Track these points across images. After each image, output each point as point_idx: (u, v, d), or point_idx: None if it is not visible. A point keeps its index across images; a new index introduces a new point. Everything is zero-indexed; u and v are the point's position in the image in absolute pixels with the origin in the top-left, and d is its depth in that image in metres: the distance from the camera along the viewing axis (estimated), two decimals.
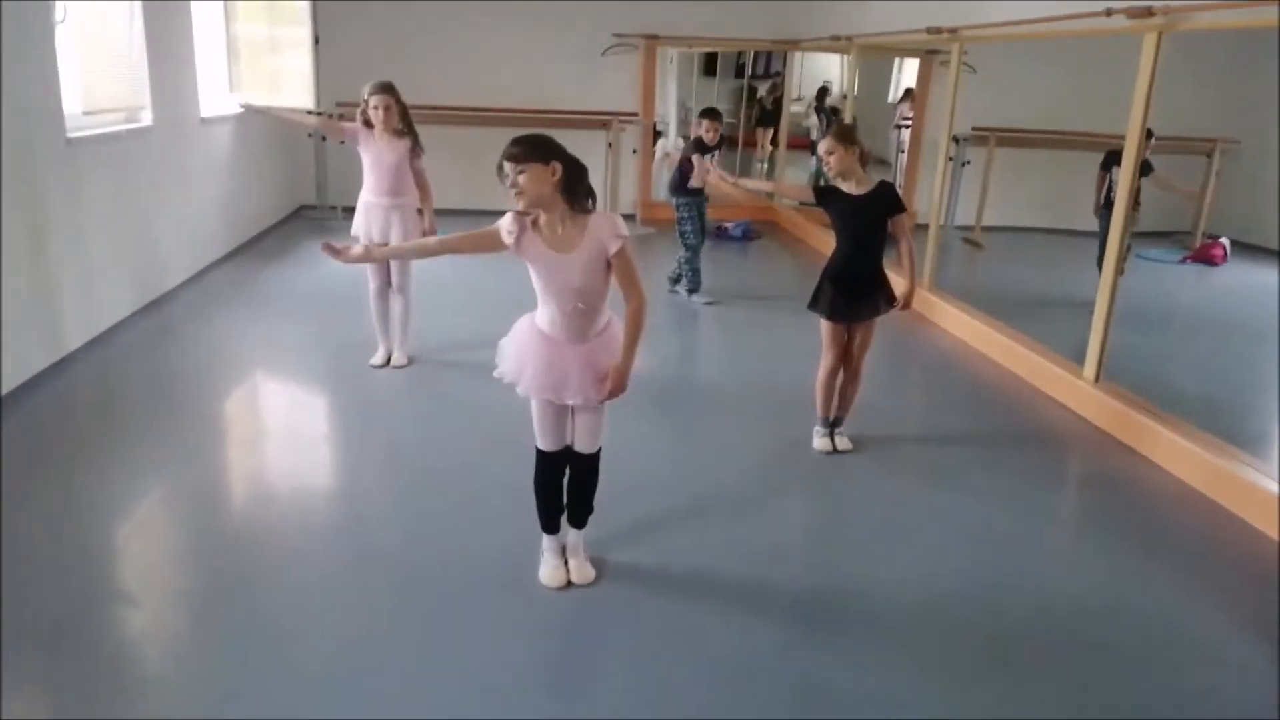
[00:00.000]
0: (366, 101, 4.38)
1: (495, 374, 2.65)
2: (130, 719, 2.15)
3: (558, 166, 2.45)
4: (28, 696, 2.22)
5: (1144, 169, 5.99)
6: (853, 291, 3.70)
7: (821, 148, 3.71)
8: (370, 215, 4.41)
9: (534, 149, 2.46)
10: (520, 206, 2.49)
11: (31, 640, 2.39)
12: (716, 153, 6.05)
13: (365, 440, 3.89)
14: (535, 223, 2.51)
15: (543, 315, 2.62)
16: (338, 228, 7.94)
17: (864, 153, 3.67)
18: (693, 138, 6.09)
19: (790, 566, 2.98)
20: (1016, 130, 8.52)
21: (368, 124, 4.40)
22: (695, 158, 5.80)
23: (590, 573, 2.77)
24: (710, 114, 6.02)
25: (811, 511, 3.50)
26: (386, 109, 4.34)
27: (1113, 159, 4.90)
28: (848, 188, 3.65)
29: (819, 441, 3.84)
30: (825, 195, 3.71)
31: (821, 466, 3.74)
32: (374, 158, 4.40)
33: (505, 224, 2.51)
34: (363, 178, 4.48)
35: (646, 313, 2.62)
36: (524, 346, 2.61)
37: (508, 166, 2.46)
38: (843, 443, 3.86)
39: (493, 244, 2.53)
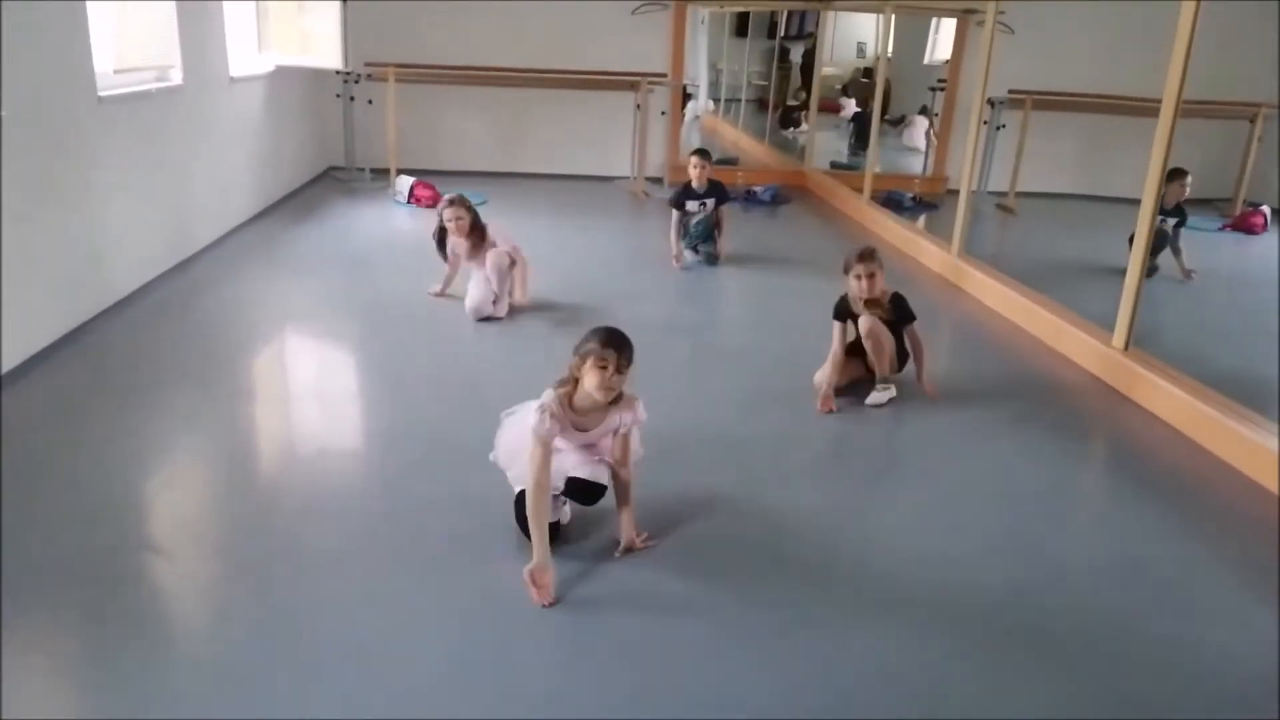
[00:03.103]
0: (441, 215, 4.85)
1: (490, 457, 2.78)
2: (155, 664, 2.20)
3: (628, 375, 2.58)
4: (57, 639, 2.28)
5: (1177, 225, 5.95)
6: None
7: (860, 269, 3.83)
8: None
9: (632, 362, 2.57)
10: (596, 397, 2.55)
11: (64, 584, 2.45)
12: (707, 204, 6.02)
13: (393, 399, 3.92)
14: (569, 400, 2.58)
15: None
16: (366, 189, 7.99)
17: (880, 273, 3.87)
18: (681, 184, 6.09)
19: (802, 522, 2.98)
20: (1053, 94, 8.35)
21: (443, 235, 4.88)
22: (676, 220, 5.97)
23: (565, 515, 2.80)
24: (698, 153, 6.07)
25: (826, 471, 3.51)
26: (459, 220, 4.77)
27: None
28: (868, 307, 3.86)
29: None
30: (845, 315, 3.92)
31: (839, 419, 3.74)
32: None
33: (541, 420, 2.52)
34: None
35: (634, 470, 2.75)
36: (522, 449, 2.62)
37: (613, 363, 2.52)
38: (875, 396, 3.89)
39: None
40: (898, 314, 3.91)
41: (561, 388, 2.61)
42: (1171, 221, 6.00)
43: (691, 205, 6.03)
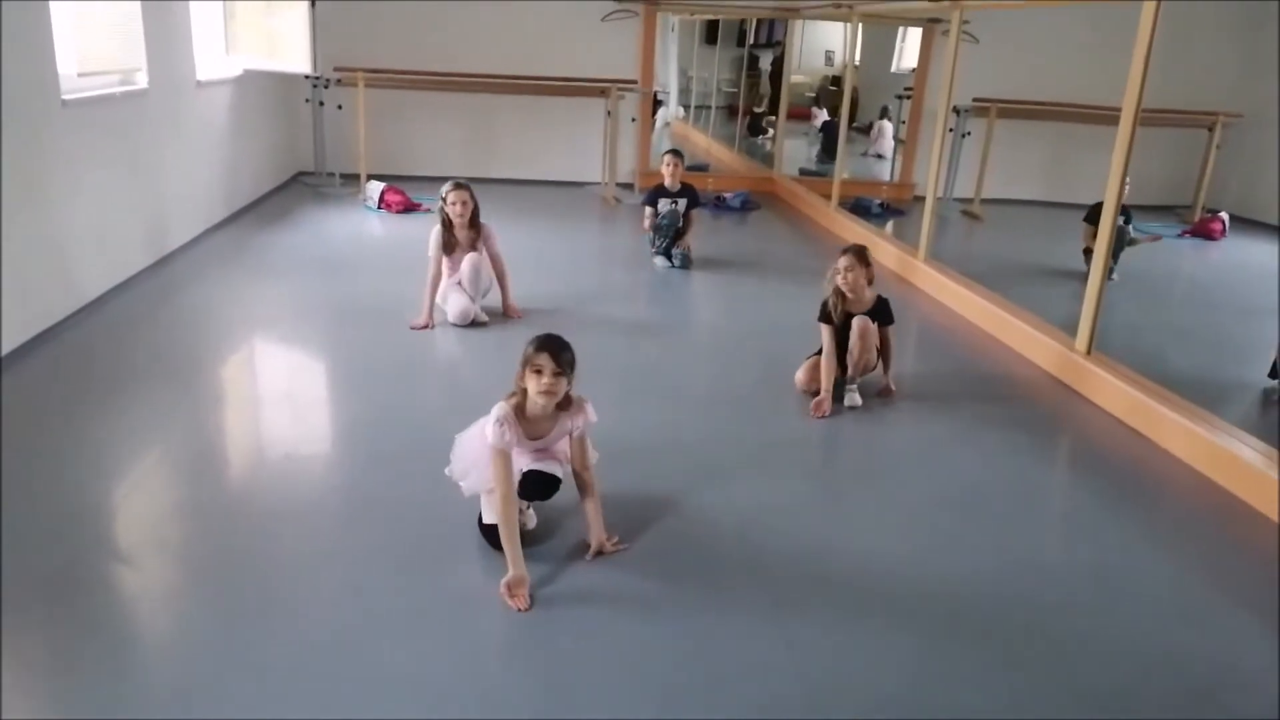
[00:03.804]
0: (444, 199, 4.75)
1: (446, 470, 2.79)
2: (121, 674, 2.19)
3: (573, 379, 2.62)
4: (23, 649, 2.26)
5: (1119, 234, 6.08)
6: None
7: (841, 263, 3.93)
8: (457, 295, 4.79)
9: (574, 362, 2.61)
10: (540, 403, 2.59)
11: (29, 593, 2.42)
12: (680, 204, 6.11)
13: (363, 400, 3.91)
14: (521, 410, 2.63)
15: None
16: (336, 195, 7.95)
17: (872, 276, 3.97)
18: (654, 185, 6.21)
19: (773, 524, 3.01)
20: (1017, 102, 8.48)
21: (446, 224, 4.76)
22: (649, 214, 6.06)
23: (531, 520, 2.81)
24: (672, 152, 6.21)
25: (797, 472, 3.54)
26: (464, 204, 4.71)
27: (1096, 214, 4.94)
28: (849, 308, 3.93)
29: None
30: (828, 318, 3.96)
31: (810, 421, 3.78)
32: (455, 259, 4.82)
33: (498, 432, 2.57)
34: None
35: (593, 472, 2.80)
36: (478, 461, 2.69)
37: (550, 368, 2.56)
38: (852, 398, 3.95)
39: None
40: (879, 316, 3.99)
41: (512, 399, 2.64)
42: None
43: (664, 204, 6.09)
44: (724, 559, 2.79)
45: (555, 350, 2.57)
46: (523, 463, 2.70)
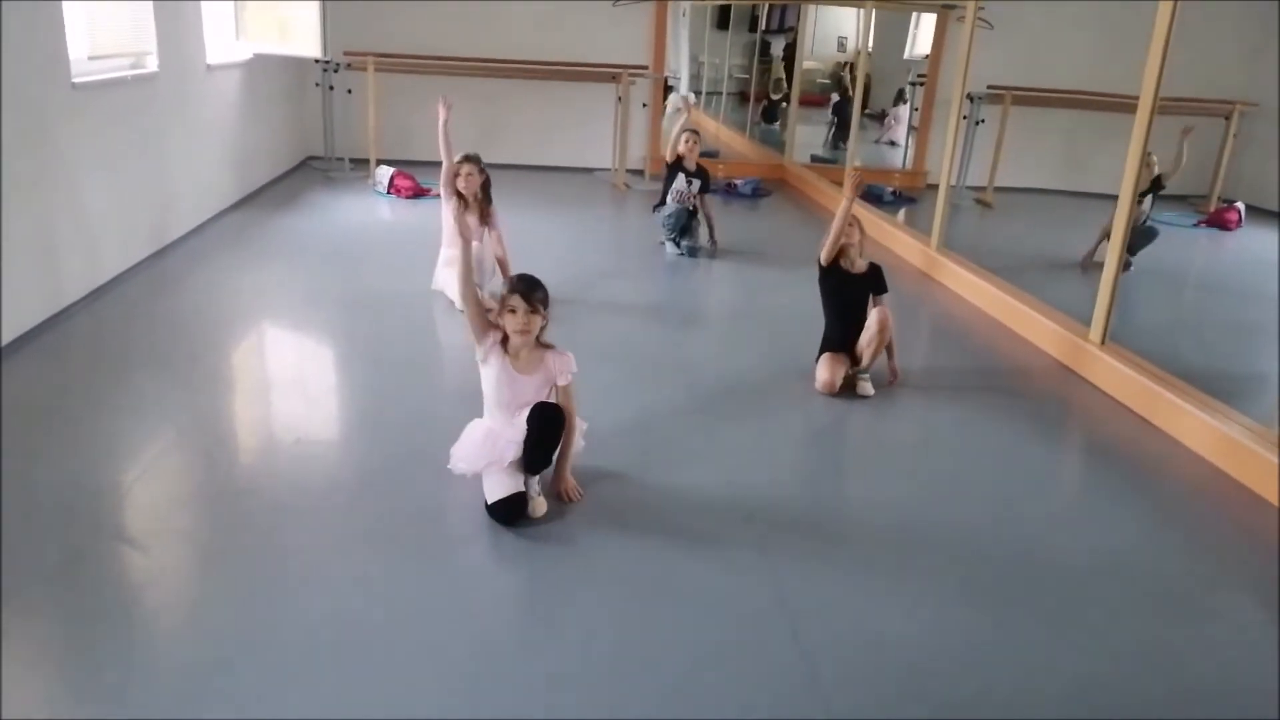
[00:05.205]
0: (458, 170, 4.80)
1: (448, 466, 2.90)
2: (128, 659, 2.19)
3: (548, 315, 2.84)
4: (32, 636, 2.26)
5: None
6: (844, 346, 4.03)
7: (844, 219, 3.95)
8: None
9: (546, 301, 2.82)
10: (516, 341, 2.81)
11: (37, 580, 2.43)
12: (696, 183, 6.02)
13: (370, 386, 3.91)
14: (505, 342, 2.83)
15: (489, 416, 2.92)
16: (345, 179, 7.93)
17: (864, 236, 4.05)
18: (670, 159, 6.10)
19: (780, 495, 3.00)
20: (1032, 90, 8.40)
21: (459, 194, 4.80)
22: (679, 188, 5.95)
23: (542, 506, 2.83)
24: (691, 131, 6.12)
25: (807, 449, 3.52)
26: (469, 176, 4.76)
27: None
28: (846, 264, 3.98)
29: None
30: (828, 272, 4.01)
31: (819, 408, 3.77)
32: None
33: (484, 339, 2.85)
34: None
35: (576, 434, 2.96)
36: (475, 441, 2.89)
37: (522, 308, 2.77)
38: (864, 387, 3.93)
39: (480, 332, 2.85)
40: (874, 283, 4.01)
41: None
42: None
43: (680, 183, 6.00)
44: (735, 540, 2.79)
45: (526, 290, 2.79)
46: (516, 437, 2.81)
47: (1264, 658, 2.44)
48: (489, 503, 2.79)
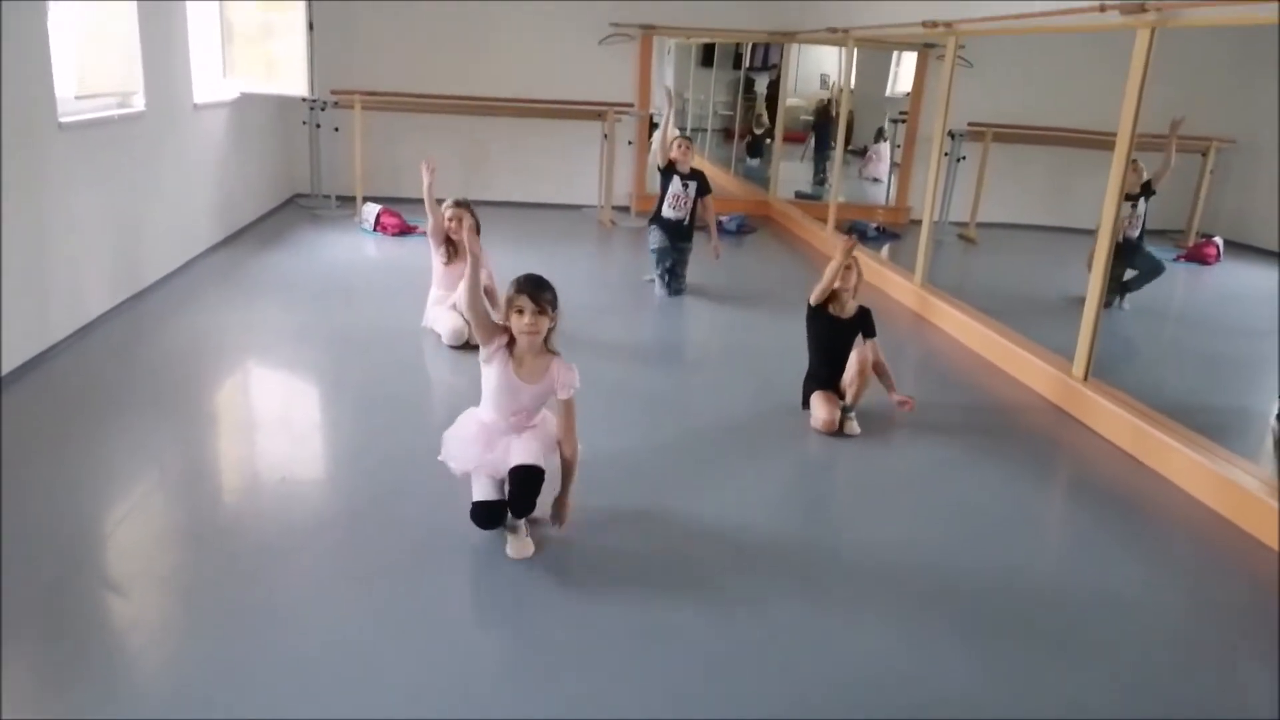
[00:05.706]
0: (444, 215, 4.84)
1: (439, 458, 2.90)
2: (112, 695, 2.15)
3: (556, 317, 2.78)
4: (14, 678, 2.22)
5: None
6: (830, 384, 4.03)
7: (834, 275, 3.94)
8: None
9: (554, 301, 2.76)
10: (523, 343, 2.76)
11: (19, 624, 2.39)
12: (692, 185, 5.98)
13: (358, 423, 3.89)
14: (511, 345, 2.79)
15: (485, 413, 2.90)
16: (332, 217, 7.94)
17: (860, 280, 4.02)
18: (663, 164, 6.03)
19: (772, 532, 2.99)
20: (1012, 126, 8.51)
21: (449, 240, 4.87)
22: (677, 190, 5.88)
23: (529, 548, 2.81)
24: (682, 135, 6.17)
25: (797, 486, 3.52)
26: (458, 221, 4.75)
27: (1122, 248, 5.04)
28: (835, 309, 3.98)
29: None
30: (814, 315, 4.02)
31: (809, 447, 3.76)
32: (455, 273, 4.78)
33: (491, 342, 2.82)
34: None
35: (578, 459, 2.90)
36: (469, 437, 2.87)
37: (530, 308, 2.71)
38: (851, 426, 3.93)
39: (488, 336, 2.81)
40: (862, 326, 4.01)
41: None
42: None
43: (675, 187, 5.93)
44: (724, 571, 2.77)
45: (533, 290, 2.73)
46: (513, 454, 2.78)
47: (1259, 695, 2.44)
48: (473, 501, 2.80)
